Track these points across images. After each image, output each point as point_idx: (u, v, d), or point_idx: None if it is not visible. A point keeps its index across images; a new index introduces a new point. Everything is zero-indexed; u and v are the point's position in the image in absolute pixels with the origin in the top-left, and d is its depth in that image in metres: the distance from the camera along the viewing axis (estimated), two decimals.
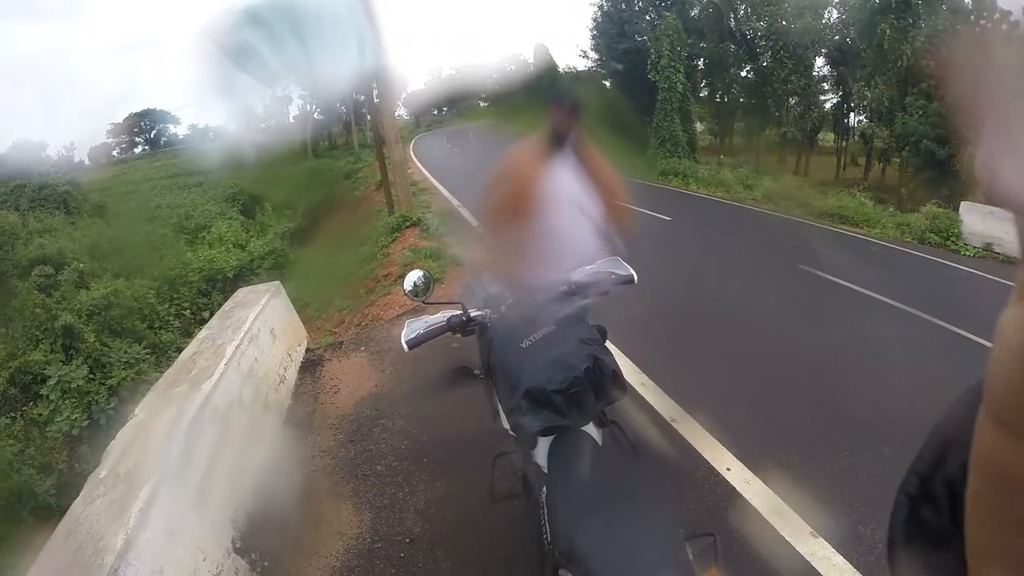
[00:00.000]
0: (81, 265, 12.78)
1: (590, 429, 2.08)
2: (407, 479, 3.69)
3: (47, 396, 8.17)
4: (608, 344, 2.31)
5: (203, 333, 4.59)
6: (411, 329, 2.39)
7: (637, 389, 4.65)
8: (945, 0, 20.48)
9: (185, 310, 12.69)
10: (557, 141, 2.99)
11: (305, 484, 3.81)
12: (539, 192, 2.91)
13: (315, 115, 30.64)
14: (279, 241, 16.09)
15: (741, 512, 3.34)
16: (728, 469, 3.72)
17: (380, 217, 13.30)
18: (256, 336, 4.52)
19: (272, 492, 3.71)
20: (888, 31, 20.59)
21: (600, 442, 2.10)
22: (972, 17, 20.83)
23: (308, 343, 5.82)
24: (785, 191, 18.21)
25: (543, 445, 2.02)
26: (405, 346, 2.34)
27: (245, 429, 3.78)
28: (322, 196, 19.52)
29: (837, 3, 24.29)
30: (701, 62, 26.72)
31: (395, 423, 4.37)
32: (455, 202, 13.82)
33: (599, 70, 28.37)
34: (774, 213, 15.75)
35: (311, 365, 5.46)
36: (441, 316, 2.44)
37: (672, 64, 22.18)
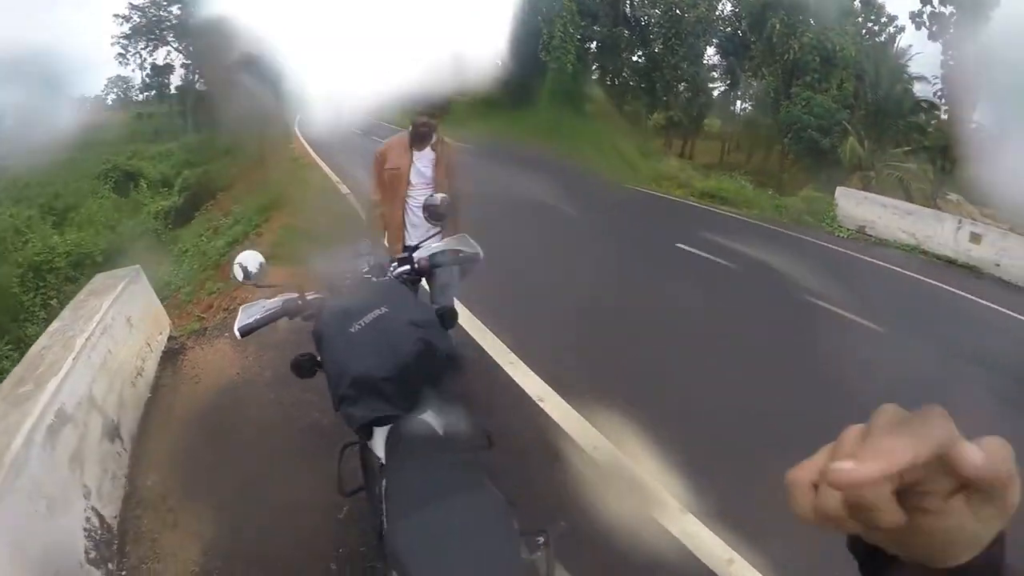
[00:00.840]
0: None
1: (430, 417, 1.99)
2: (266, 472, 3.58)
3: None
4: (476, 322, 2.27)
5: (54, 325, 4.28)
6: (247, 315, 2.25)
7: (505, 369, 4.71)
8: None
9: (52, 299, 11.74)
10: (419, 137, 3.78)
11: (162, 484, 3.62)
12: (398, 175, 3.80)
13: (198, 85, 29.11)
14: (152, 221, 15.21)
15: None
16: (595, 448, 3.79)
17: (257, 195, 12.86)
18: (110, 326, 4.25)
19: (128, 495, 3.53)
20: (778, 26, 21.60)
21: (443, 430, 2.03)
22: (860, 19, 22.15)
23: (171, 331, 5.54)
24: (669, 172, 18.80)
25: (380, 435, 1.95)
26: (238, 334, 2.21)
27: (98, 428, 3.56)
28: (201, 173, 18.61)
29: None
30: (594, 45, 27.06)
31: (255, 412, 4.22)
32: (334, 178, 13.46)
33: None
34: (656, 193, 16.24)
35: (173, 354, 5.19)
36: (278, 300, 2.30)
37: (563, 45, 22.38)
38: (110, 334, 4.21)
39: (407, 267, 2.42)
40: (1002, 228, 12.02)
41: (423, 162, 3.83)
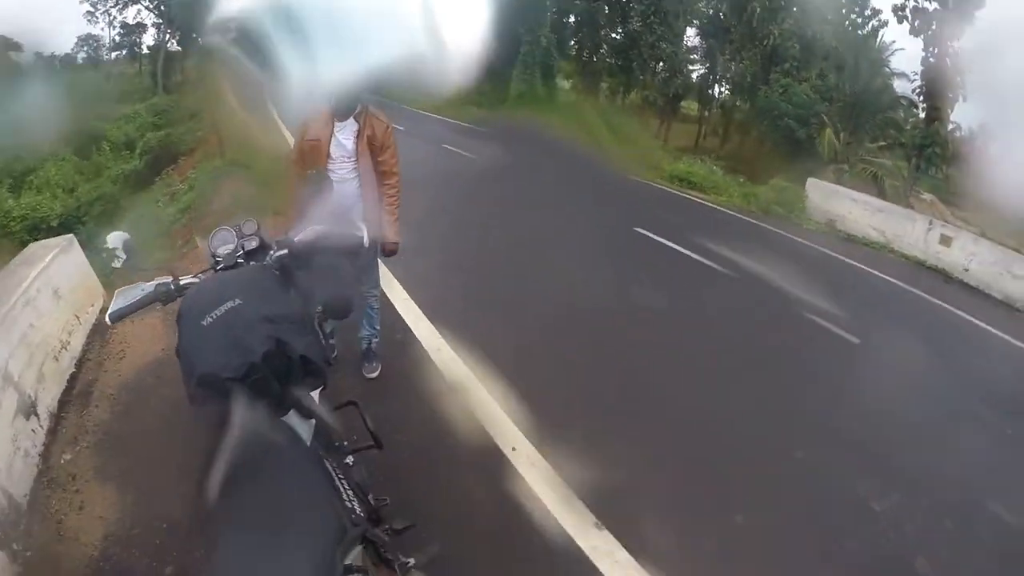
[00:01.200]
0: None
1: (293, 419, 1.87)
2: (174, 457, 3.40)
3: None
4: (410, 304, 2.14)
5: None
6: (121, 299, 2.05)
7: (431, 355, 4.64)
8: None
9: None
10: (342, 107, 3.67)
11: (73, 463, 3.54)
12: (317, 148, 3.67)
13: (169, 45, 28.42)
14: (110, 185, 14.85)
15: (522, 498, 3.33)
16: (514, 449, 3.70)
17: (214, 161, 12.58)
18: (33, 299, 4.13)
19: (40, 473, 3.45)
20: (759, 10, 21.52)
21: (308, 434, 1.94)
22: (843, 10, 22.17)
23: (105, 302, 5.36)
24: (637, 152, 18.69)
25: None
26: (108, 319, 2.05)
27: (12, 405, 3.45)
28: (164, 136, 18.17)
29: None
30: (572, 19, 26.71)
31: (174, 391, 3.93)
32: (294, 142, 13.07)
33: None
34: (625, 174, 16.08)
35: (102, 328, 4.99)
36: (152, 284, 2.11)
37: (538, 16, 22.04)
38: (34, 306, 4.10)
39: (285, 251, 2.12)
40: (973, 232, 12.11)
41: (344, 134, 3.68)
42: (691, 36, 26.21)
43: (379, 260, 4.06)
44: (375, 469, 2.44)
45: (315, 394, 1.92)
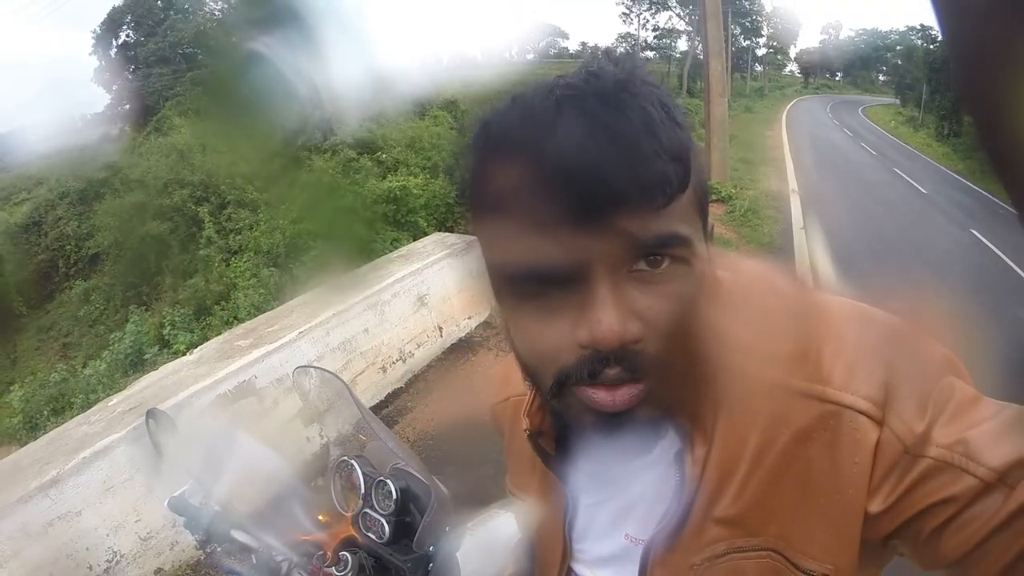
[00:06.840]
0: (382, 156, 12.80)
1: None
2: None
3: (306, 263, 8.72)
4: None
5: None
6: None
7: None
8: None
9: None
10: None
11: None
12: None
13: (698, 52, 29.12)
14: None
15: None
16: None
17: None
18: (382, 303, 3.81)
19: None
20: None
21: None
22: None
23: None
24: None
25: None
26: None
27: (288, 415, 3.00)
28: None
29: None
30: None
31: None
32: (792, 184, 11.13)
33: None
34: None
35: (466, 346, 4.35)
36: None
37: None
38: (379, 311, 3.76)
39: None
40: None
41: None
42: None
43: None
44: None
45: None
